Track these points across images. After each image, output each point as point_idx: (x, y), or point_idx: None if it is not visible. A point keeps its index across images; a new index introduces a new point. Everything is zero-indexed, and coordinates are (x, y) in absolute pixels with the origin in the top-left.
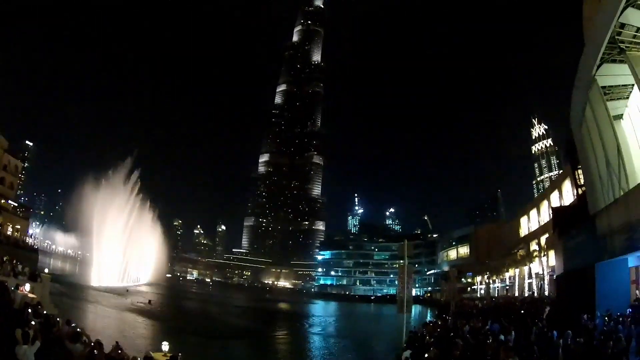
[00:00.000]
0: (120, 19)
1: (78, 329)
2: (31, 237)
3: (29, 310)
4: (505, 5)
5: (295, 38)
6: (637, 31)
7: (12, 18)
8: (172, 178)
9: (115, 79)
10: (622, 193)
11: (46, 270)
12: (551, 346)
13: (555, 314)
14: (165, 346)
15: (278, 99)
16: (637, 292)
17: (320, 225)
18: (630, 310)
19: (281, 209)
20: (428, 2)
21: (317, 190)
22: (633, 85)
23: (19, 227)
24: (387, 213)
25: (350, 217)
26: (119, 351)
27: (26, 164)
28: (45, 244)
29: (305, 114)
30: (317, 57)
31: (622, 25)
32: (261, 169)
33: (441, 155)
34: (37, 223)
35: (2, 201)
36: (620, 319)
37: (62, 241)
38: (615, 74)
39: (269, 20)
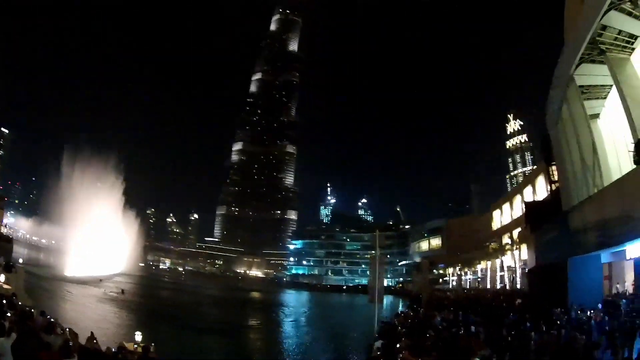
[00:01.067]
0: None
1: (52, 320)
2: (5, 226)
3: (4, 301)
4: (484, 1)
5: (272, 27)
6: (618, 34)
7: None
8: (145, 166)
9: (89, 66)
10: (596, 190)
11: (20, 261)
12: (523, 338)
13: (527, 307)
14: (138, 336)
15: (253, 88)
16: (615, 287)
17: (293, 215)
18: (601, 305)
19: (254, 198)
20: None
21: (290, 180)
22: (611, 86)
23: None
24: (360, 203)
25: (322, 207)
26: (94, 341)
27: (1, 152)
28: (20, 234)
29: (280, 104)
30: (294, 46)
31: (604, 27)
32: (234, 157)
33: (415, 148)
34: (12, 212)
35: None
36: (592, 313)
37: (36, 231)
38: (594, 74)
39: (246, 8)
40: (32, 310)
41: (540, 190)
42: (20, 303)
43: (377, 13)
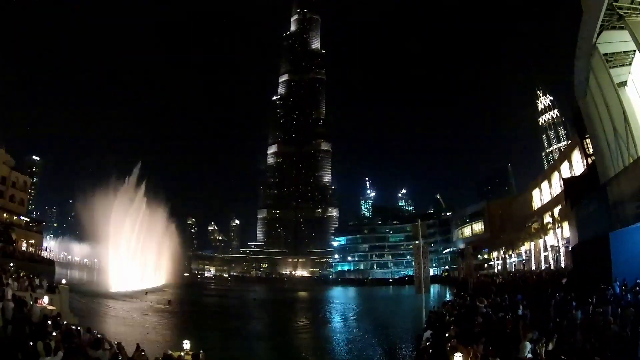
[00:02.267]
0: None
1: (99, 336)
2: (46, 250)
3: (49, 322)
4: None
5: (293, 27)
6: None
7: (13, 31)
8: (182, 177)
9: (117, 84)
10: (631, 160)
11: (64, 281)
12: (569, 318)
13: (572, 285)
14: (186, 344)
15: (281, 89)
16: None
17: (334, 212)
18: None
19: (293, 199)
20: None
21: (327, 177)
22: (635, 51)
23: (33, 241)
24: (400, 194)
25: (362, 202)
26: (142, 353)
27: (35, 179)
28: (61, 256)
29: (310, 102)
30: (316, 44)
31: None
32: (270, 160)
33: (449, 133)
34: (51, 235)
35: (14, 218)
36: (638, 288)
37: (77, 251)
38: (616, 40)
39: (265, 12)
40: (79, 327)
41: (576, 165)
42: (65, 322)
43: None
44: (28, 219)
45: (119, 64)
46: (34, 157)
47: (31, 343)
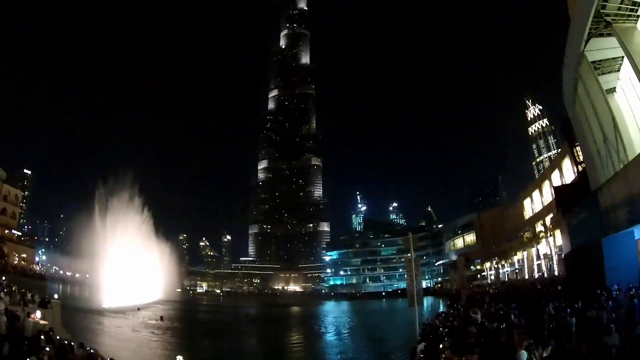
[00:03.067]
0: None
1: (92, 351)
2: (38, 264)
3: (42, 337)
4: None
5: (282, 42)
6: (621, 2)
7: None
8: (173, 193)
9: (105, 99)
10: (621, 166)
11: (56, 296)
12: (564, 325)
13: (565, 292)
14: None
15: (271, 105)
16: None
17: (325, 227)
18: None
19: (284, 214)
20: None
21: (318, 192)
22: (623, 57)
23: (24, 255)
24: (391, 208)
25: (354, 216)
26: None
27: (26, 193)
28: (53, 270)
29: (299, 117)
30: (305, 59)
31: None
32: (261, 175)
33: (439, 145)
34: (43, 250)
35: (6, 231)
36: (632, 292)
37: (69, 266)
38: (604, 47)
39: (255, 27)
40: (72, 343)
41: (567, 172)
42: (58, 337)
43: (386, 9)
44: (20, 233)
45: (111, 81)
46: (25, 170)
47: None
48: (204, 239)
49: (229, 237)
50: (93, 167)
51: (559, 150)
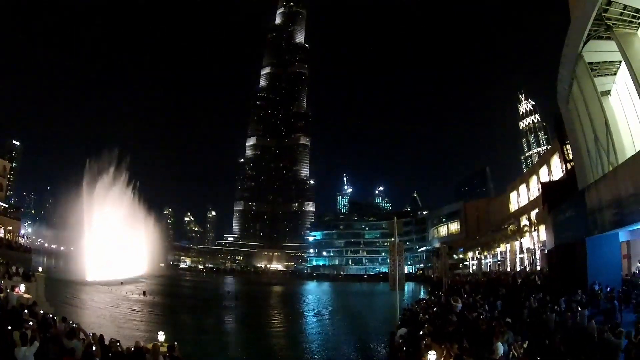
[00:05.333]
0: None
1: (74, 325)
2: (23, 237)
3: (25, 310)
4: None
5: (278, 20)
6: (624, 8)
7: None
8: (160, 166)
9: (95, 71)
10: (610, 168)
11: (40, 270)
12: (543, 320)
13: (547, 288)
14: (161, 336)
15: (263, 82)
16: (636, 265)
17: (310, 207)
18: (620, 284)
19: (270, 192)
20: None
21: (305, 172)
22: (620, 61)
23: (10, 228)
24: (377, 191)
25: (339, 197)
26: (117, 344)
27: (14, 164)
28: (38, 243)
29: (291, 96)
30: (300, 38)
31: (609, 2)
32: (248, 152)
33: (429, 132)
34: (29, 222)
35: None
36: (613, 293)
37: (54, 238)
38: (602, 50)
39: (250, 3)
40: (54, 317)
41: (555, 170)
42: (41, 311)
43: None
44: (6, 205)
45: (100, 53)
46: (14, 142)
47: (9, 328)
48: (189, 213)
49: (214, 213)
50: (81, 140)
51: (549, 146)
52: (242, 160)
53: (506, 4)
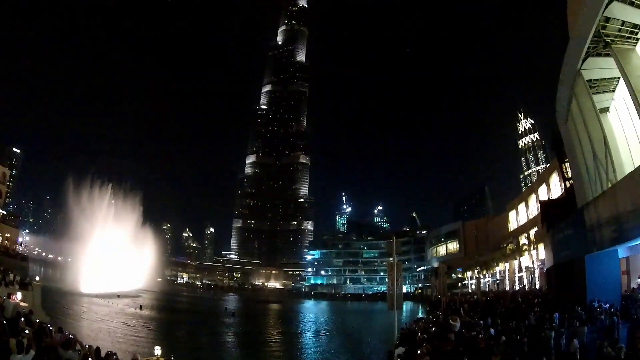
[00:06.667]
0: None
1: (70, 336)
2: (21, 245)
3: (22, 319)
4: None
5: (279, 38)
6: (622, 25)
7: None
8: (159, 182)
9: (98, 84)
10: (609, 185)
11: (37, 278)
12: (542, 339)
13: (546, 307)
14: (157, 350)
15: (263, 100)
16: (636, 281)
17: (309, 225)
18: (620, 300)
19: (269, 210)
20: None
21: (304, 190)
22: (619, 78)
23: (8, 235)
24: (375, 211)
25: (338, 216)
26: (114, 357)
27: (14, 171)
28: (35, 252)
29: (291, 114)
30: (301, 56)
31: (607, 19)
32: (248, 170)
33: (428, 152)
34: (27, 230)
35: None
36: (612, 309)
37: (51, 248)
38: (601, 67)
39: (252, 21)
40: (50, 326)
41: (554, 188)
42: (37, 320)
43: (384, 17)
44: (5, 212)
45: (103, 67)
46: (14, 149)
47: (3, 339)
48: (187, 229)
49: (212, 230)
50: (82, 153)
51: (548, 165)
52: (242, 177)
53: (505, 23)
